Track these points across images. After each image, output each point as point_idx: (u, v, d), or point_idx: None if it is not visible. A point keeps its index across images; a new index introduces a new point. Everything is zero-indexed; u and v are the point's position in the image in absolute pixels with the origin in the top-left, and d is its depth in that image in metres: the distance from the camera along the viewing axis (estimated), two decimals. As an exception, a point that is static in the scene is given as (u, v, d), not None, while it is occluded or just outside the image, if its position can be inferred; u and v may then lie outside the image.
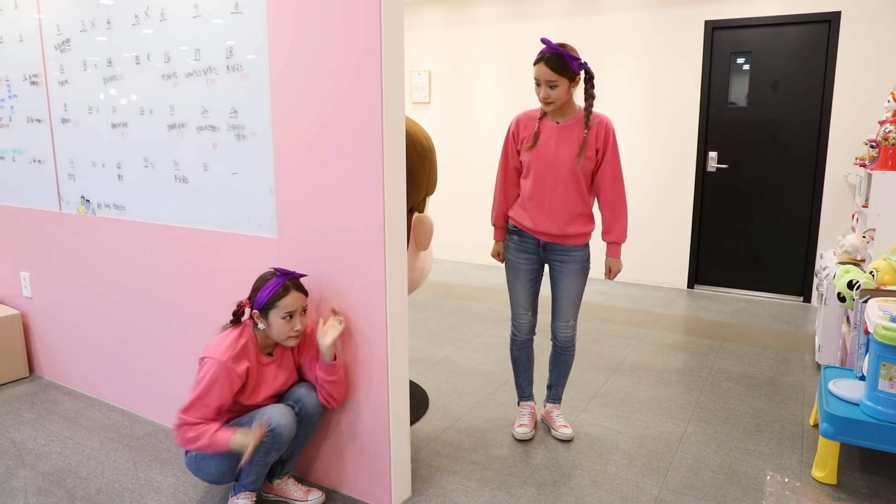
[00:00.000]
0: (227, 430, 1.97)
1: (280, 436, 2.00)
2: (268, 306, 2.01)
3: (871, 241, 3.11)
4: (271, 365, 2.12)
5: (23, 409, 2.99)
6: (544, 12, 5.60)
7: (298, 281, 2.08)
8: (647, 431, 2.76)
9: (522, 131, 2.57)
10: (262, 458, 2.02)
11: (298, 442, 2.18)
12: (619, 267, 2.61)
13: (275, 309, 2.01)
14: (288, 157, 2.17)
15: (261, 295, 2.02)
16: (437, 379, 3.35)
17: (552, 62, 2.39)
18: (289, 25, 2.07)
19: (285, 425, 2.01)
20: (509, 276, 2.68)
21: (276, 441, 2.00)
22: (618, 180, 2.55)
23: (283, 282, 2.02)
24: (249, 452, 1.93)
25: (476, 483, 2.35)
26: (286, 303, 2.01)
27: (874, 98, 4.45)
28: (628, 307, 4.76)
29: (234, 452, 1.97)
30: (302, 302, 2.06)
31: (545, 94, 2.44)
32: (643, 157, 5.35)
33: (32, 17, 2.88)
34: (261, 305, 2.02)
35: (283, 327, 2.03)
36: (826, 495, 2.26)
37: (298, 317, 2.05)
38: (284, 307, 2.01)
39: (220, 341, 2.03)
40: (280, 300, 2.00)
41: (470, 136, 6.17)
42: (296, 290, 2.04)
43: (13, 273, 3.36)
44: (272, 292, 2.00)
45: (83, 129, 2.82)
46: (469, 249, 6.38)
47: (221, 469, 2.04)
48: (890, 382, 2.19)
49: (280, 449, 2.04)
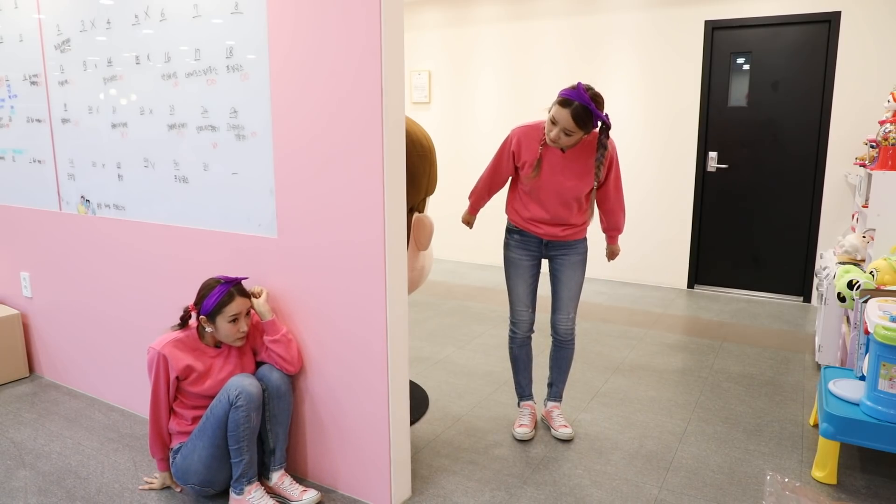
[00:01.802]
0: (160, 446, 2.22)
1: (251, 395, 2.08)
2: (214, 312, 2.13)
3: (871, 241, 3.11)
4: (218, 357, 2.22)
5: (23, 409, 2.99)
6: (544, 12, 5.60)
7: (241, 286, 2.19)
8: (647, 431, 2.76)
9: (524, 153, 2.49)
10: (245, 425, 2.07)
11: (279, 422, 2.22)
12: (619, 250, 2.83)
13: (221, 314, 2.13)
14: (288, 157, 2.17)
15: (207, 302, 2.12)
16: (437, 379, 3.35)
17: (578, 116, 2.28)
18: (289, 25, 2.07)
19: (249, 383, 2.10)
20: (511, 273, 2.67)
21: (249, 401, 2.07)
22: (620, 192, 2.63)
23: (228, 289, 2.13)
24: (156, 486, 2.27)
25: (476, 483, 2.35)
26: (231, 308, 2.13)
27: (874, 98, 4.45)
28: (628, 307, 4.76)
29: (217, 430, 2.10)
30: (246, 305, 2.18)
31: (556, 136, 2.34)
32: (643, 157, 5.35)
33: (32, 17, 2.88)
34: (208, 311, 2.13)
35: (230, 330, 2.15)
36: (826, 495, 2.26)
37: (243, 319, 2.17)
38: (230, 312, 2.13)
39: (163, 336, 2.19)
40: (226, 306, 2.12)
41: (470, 136, 6.17)
42: (240, 296, 2.15)
43: (13, 273, 3.36)
44: (218, 299, 2.12)
45: (83, 129, 2.82)
46: (469, 249, 6.38)
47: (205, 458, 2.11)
48: (890, 382, 2.19)
49: (258, 408, 2.11)
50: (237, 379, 2.11)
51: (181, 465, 2.15)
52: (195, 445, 2.12)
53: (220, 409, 2.08)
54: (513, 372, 2.81)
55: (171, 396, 2.18)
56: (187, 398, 2.19)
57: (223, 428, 2.08)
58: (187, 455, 2.13)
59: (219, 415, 2.08)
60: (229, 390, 2.08)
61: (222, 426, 2.08)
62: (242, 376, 2.13)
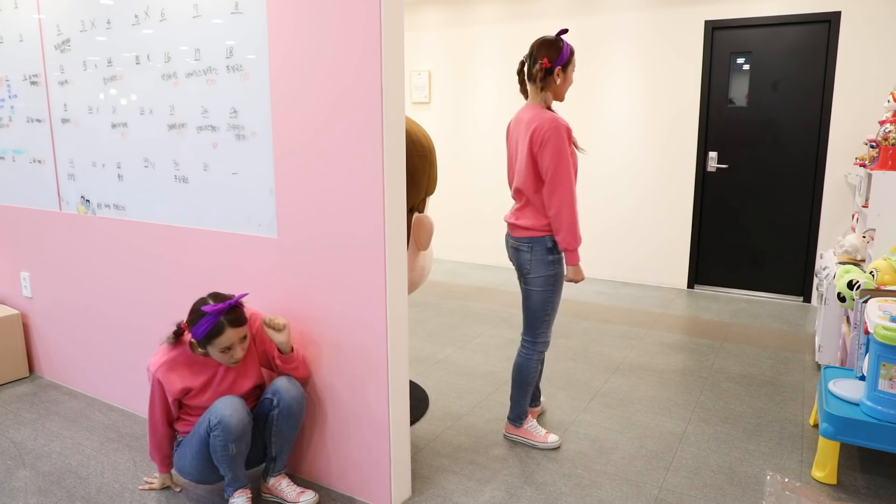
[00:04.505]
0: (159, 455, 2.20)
1: (228, 427, 1.97)
2: (204, 341, 2.01)
3: (871, 241, 3.11)
4: (219, 366, 2.13)
5: (23, 409, 2.99)
6: (544, 12, 5.60)
7: (236, 312, 2.01)
8: (647, 431, 2.76)
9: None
10: (223, 453, 2.00)
11: (284, 437, 2.17)
12: None
13: (212, 345, 2.01)
14: (288, 157, 2.17)
15: (197, 330, 1.99)
16: (437, 379, 3.35)
17: None
18: (289, 25, 2.07)
19: (230, 415, 1.98)
20: (558, 294, 2.46)
21: (227, 433, 1.97)
22: None
23: (217, 320, 1.97)
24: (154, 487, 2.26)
25: (476, 483, 2.35)
26: (222, 341, 2.00)
27: (874, 98, 4.45)
28: (628, 307, 4.76)
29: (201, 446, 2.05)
30: (240, 334, 2.03)
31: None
32: (643, 157, 5.35)
33: (32, 17, 2.88)
34: (198, 339, 2.01)
35: (222, 357, 2.04)
36: (826, 495, 2.26)
37: (238, 346, 2.04)
38: (220, 344, 2.00)
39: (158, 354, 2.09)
40: (215, 338, 1.99)
41: (470, 136, 6.17)
42: (232, 327, 2.00)
43: (13, 273, 3.36)
44: (207, 330, 1.97)
45: (83, 129, 2.82)
46: (469, 249, 6.38)
47: (195, 465, 2.08)
48: (890, 382, 2.19)
49: (238, 440, 2.00)
50: (222, 406, 2.00)
51: (178, 460, 2.15)
52: (187, 449, 2.10)
53: (202, 429, 2.02)
54: (524, 395, 2.59)
55: (169, 415, 2.12)
56: (192, 409, 2.14)
57: (206, 446, 2.03)
58: (182, 455, 2.12)
59: (202, 434, 2.03)
60: (211, 415, 2.00)
61: (205, 445, 2.03)
62: (229, 403, 2.01)
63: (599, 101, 5.47)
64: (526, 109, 2.42)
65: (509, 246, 2.53)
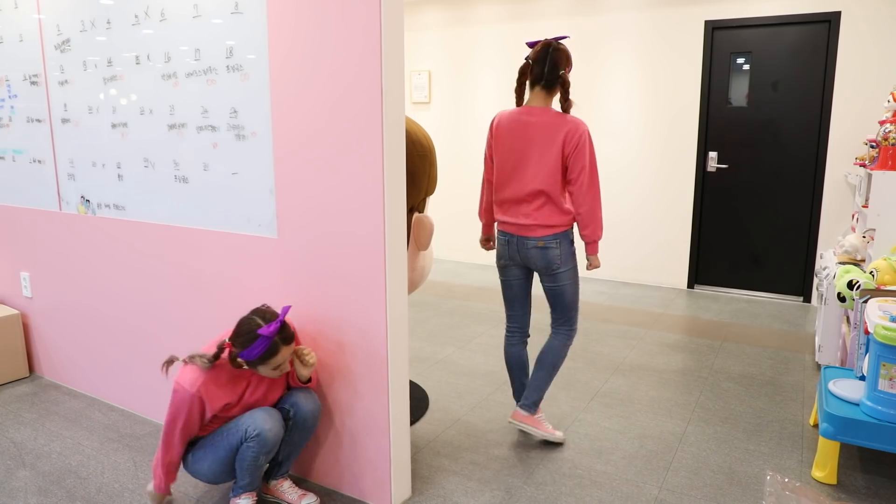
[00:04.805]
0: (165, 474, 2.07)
1: (266, 440, 2.00)
2: (258, 362, 1.97)
3: (871, 241, 3.11)
4: (250, 382, 2.10)
5: (23, 409, 2.99)
6: (544, 12, 5.60)
7: (287, 329, 2.00)
8: (647, 431, 2.76)
9: None
10: (252, 463, 2.02)
11: (294, 445, 2.18)
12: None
13: (265, 364, 1.98)
14: (288, 157, 2.17)
15: (249, 353, 1.94)
16: (437, 379, 3.35)
17: None
18: (289, 25, 2.07)
19: (269, 429, 2.00)
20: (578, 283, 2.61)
21: (262, 446, 2.00)
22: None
23: (272, 342, 1.94)
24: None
25: (476, 483, 2.35)
26: (276, 360, 1.98)
27: (874, 98, 4.45)
28: (628, 307, 4.76)
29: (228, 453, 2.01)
30: (290, 350, 2.02)
31: None
32: (643, 157, 5.35)
33: (32, 17, 2.88)
34: (251, 359, 1.96)
35: (271, 373, 2.02)
36: (826, 495, 2.26)
37: (287, 361, 2.04)
38: (274, 363, 1.98)
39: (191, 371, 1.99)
40: (271, 359, 1.97)
41: (470, 136, 6.17)
42: (285, 346, 1.98)
43: (13, 273, 3.36)
44: (261, 352, 1.94)
45: (83, 129, 2.82)
46: (469, 249, 6.38)
47: (214, 469, 2.06)
48: (890, 382, 2.19)
49: (269, 452, 2.04)
50: (261, 420, 2.00)
51: (193, 462, 2.09)
52: (208, 453, 2.05)
53: (234, 437, 2.01)
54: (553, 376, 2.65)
55: (192, 433, 2.04)
56: (215, 420, 2.10)
57: (233, 453, 2.03)
58: (201, 457, 2.07)
59: (232, 442, 2.01)
60: (248, 426, 1.99)
61: (233, 452, 2.02)
62: (268, 417, 2.01)
63: (599, 101, 5.47)
64: (535, 112, 2.43)
65: (528, 248, 2.50)
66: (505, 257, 2.59)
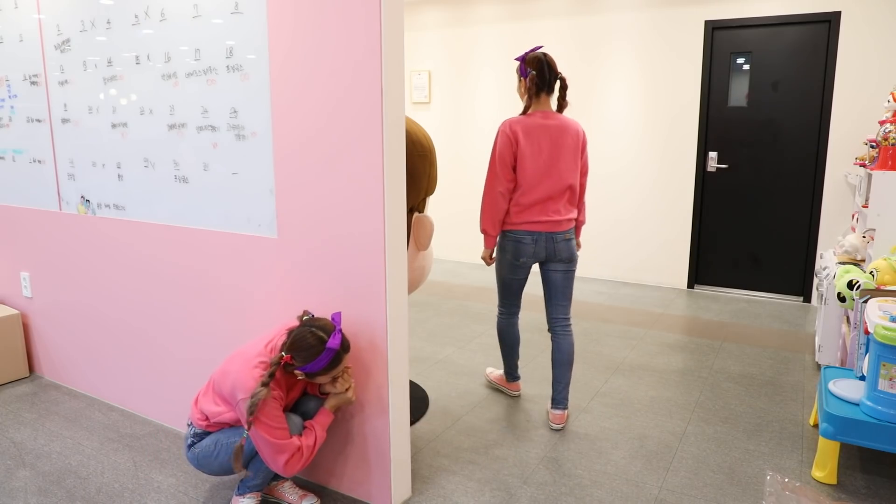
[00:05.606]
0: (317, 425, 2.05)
1: None
2: (322, 372, 1.97)
3: (871, 241, 3.11)
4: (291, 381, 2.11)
5: (23, 409, 2.99)
6: (544, 12, 5.60)
7: (345, 338, 2.01)
8: (647, 431, 2.76)
9: None
10: (267, 472, 2.04)
11: None
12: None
13: (325, 375, 1.99)
14: (288, 157, 2.17)
15: (315, 365, 1.95)
16: (437, 379, 3.35)
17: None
18: (289, 25, 2.07)
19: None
20: None
21: None
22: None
23: (335, 353, 1.95)
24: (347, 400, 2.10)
25: (476, 483, 2.35)
26: (337, 371, 2.01)
27: (874, 98, 4.45)
28: (628, 307, 4.76)
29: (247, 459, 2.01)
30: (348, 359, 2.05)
31: None
32: (643, 157, 5.35)
33: (32, 17, 2.88)
34: (316, 371, 1.96)
35: (326, 380, 2.03)
36: (826, 495, 2.26)
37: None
38: (336, 373, 2.01)
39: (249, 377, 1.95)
40: (334, 368, 1.99)
41: (470, 136, 6.17)
42: (346, 353, 2.01)
43: (13, 273, 3.36)
44: (326, 364, 1.95)
45: (83, 129, 2.82)
46: (469, 249, 6.38)
47: (225, 467, 2.04)
48: (890, 382, 2.19)
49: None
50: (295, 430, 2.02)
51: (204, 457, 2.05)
52: (219, 453, 2.03)
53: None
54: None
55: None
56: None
57: (249, 458, 2.02)
58: (215, 453, 2.04)
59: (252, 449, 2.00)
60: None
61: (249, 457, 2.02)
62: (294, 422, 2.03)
63: (599, 101, 5.47)
64: (550, 115, 2.68)
65: (556, 242, 2.71)
66: (527, 255, 2.72)
